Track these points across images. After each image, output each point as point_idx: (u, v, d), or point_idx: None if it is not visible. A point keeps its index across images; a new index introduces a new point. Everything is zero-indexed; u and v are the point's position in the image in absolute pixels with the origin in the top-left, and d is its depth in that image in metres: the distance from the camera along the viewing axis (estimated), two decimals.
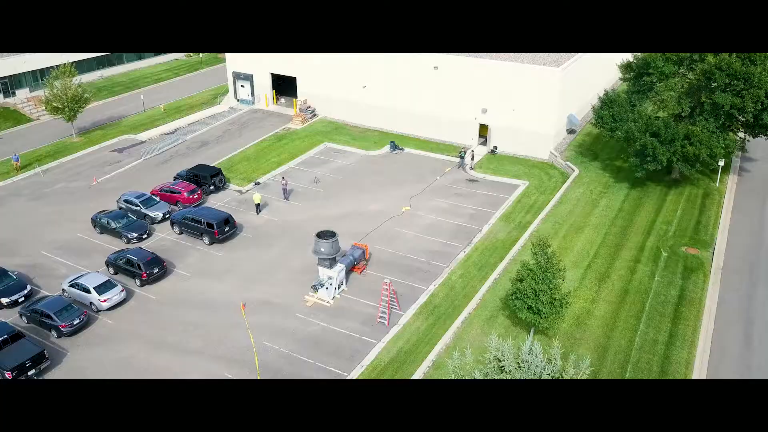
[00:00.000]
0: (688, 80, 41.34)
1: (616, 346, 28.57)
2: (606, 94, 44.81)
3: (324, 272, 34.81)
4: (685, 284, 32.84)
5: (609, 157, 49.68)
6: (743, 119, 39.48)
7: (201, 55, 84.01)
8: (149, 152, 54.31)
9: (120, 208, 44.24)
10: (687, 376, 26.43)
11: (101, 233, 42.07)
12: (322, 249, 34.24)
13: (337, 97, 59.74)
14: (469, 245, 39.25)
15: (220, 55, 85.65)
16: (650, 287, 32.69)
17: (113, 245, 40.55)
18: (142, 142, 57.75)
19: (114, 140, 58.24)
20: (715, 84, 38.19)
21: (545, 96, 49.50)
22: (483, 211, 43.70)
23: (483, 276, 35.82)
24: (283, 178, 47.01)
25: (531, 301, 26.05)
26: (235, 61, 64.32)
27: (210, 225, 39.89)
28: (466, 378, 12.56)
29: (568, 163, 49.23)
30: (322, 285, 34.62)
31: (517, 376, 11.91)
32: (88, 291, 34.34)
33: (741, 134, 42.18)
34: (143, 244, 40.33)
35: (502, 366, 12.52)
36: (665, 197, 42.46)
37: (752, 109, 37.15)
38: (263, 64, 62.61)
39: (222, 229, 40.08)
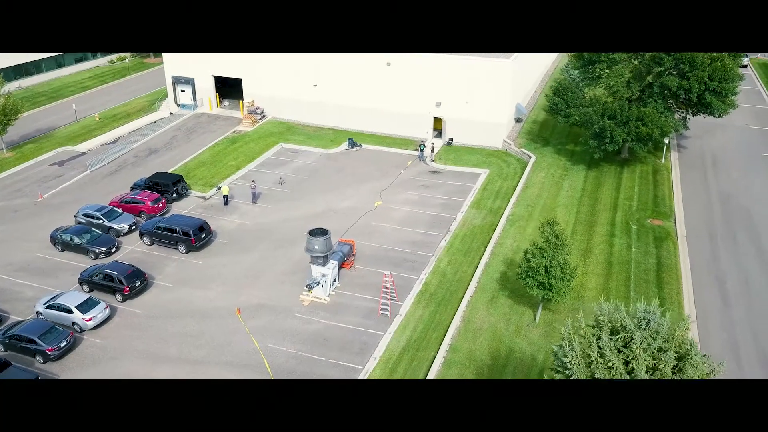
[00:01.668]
0: (632, 65, 44.47)
1: None
2: (558, 82, 47.30)
3: (317, 270, 34.66)
4: (659, 252, 35.56)
5: (560, 142, 52.44)
6: (686, 99, 42.98)
7: (127, 60, 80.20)
8: (95, 164, 51.43)
9: (79, 223, 41.78)
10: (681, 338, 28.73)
11: (63, 251, 39.57)
12: (316, 246, 34.09)
13: (286, 97, 59.12)
14: (448, 233, 40.31)
15: (146, 60, 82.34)
16: (630, 258, 35.13)
17: (79, 262, 38.30)
18: (83, 153, 54.58)
19: (51, 153, 54.65)
20: (662, 68, 41.42)
21: (498, 87, 51.50)
22: (453, 200, 44.96)
23: (470, 261, 36.99)
24: (252, 181, 46.11)
25: (541, 278, 27.38)
26: (174, 65, 62.03)
27: (186, 233, 38.57)
28: (583, 343, 13.29)
29: (523, 150, 51.51)
30: (317, 283, 34.45)
31: (637, 335, 12.80)
32: (69, 311, 32.34)
33: (683, 113, 45.85)
34: (113, 258, 38.39)
35: (617, 326, 13.40)
36: (620, 176, 45.54)
37: (697, 90, 40.71)
38: (205, 67, 60.84)
39: (198, 236, 38.88)
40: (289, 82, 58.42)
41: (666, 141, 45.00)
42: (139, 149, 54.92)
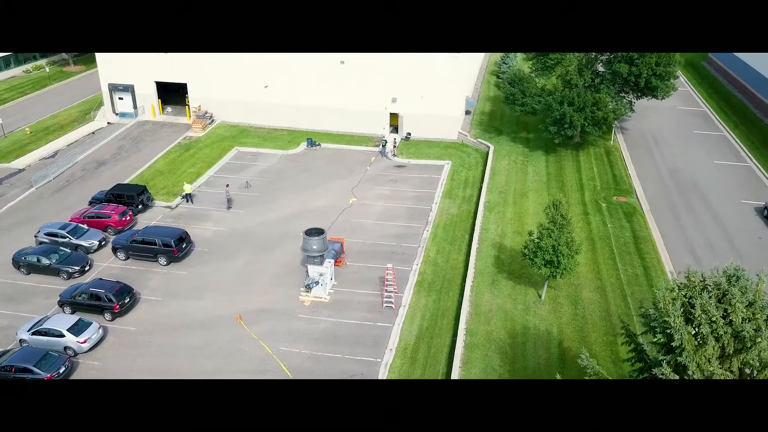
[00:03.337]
0: (582, 53, 47.29)
1: (609, 284, 32.78)
2: (514, 74, 49.47)
3: (314, 270, 34.56)
4: (632, 226, 38.31)
5: (512, 130, 54.80)
6: (635, 83, 46.29)
7: (46, 69, 75.10)
8: (39, 180, 48.09)
9: (41, 243, 39.11)
10: None
11: (28, 273, 37.00)
12: (314, 246, 34.02)
13: (235, 99, 57.82)
14: (428, 224, 41.29)
15: (66, 68, 77.57)
16: (608, 233, 37.62)
17: (51, 284, 36.01)
18: (21, 170, 50.87)
19: None
20: (612, 55, 44.45)
21: (452, 80, 53.03)
22: (424, 192, 46.01)
23: (458, 249, 38.18)
24: (227, 185, 45.01)
25: (549, 256, 28.92)
26: (111, 72, 58.84)
27: (167, 244, 37.15)
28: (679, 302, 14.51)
29: (479, 140, 53.43)
30: (316, 283, 34.37)
31: (734, 290, 14.14)
32: (60, 335, 30.46)
33: (629, 97, 49.33)
34: (86, 278, 36.38)
35: (708, 284, 14.85)
36: (578, 158, 48.40)
37: (646, 75, 44.09)
38: (145, 73, 58.25)
39: (180, 246, 37.58)
40: (238, 85, 57.18)
41: (615, 124, 48.29)
42: (85, 162, 51.89)
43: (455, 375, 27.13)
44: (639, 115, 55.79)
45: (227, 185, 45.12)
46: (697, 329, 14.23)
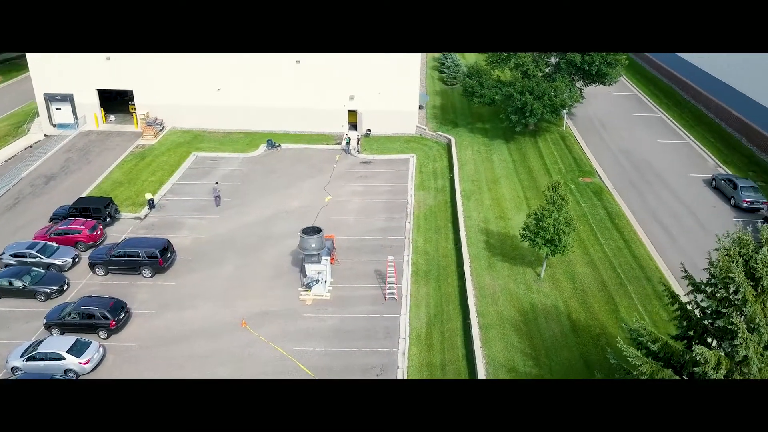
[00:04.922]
0: None
1: (598, 258, 34.94)
2: (471, 66, 51.16)
3: (313, 268, 34.55)
4: (604, 204, 40.89)
5: (467, 122, 56.60)
6: (587, 71, 49.14)
7: None
8: None
9: (7, 265, 36.55)
10: (656, 267, 33.88)
11: (0, 298, 34.55)
12: (313, 245, 33.96)
13: (186, 104, 56.01)
14: (409, 216, 42.12)
15: None
16: (584, 212, 39.94)
17: (27, 307, 33.85)
18: None
19: None
20: None
21: (408, 76, 54.04)
22: (397, 186, 46.77)
23: (444, 237, 39.26)
24: (216, 183, 44.31)
25: (550, 235, 30.52)
26: (46, 80, 55.25)
27: (152, 256, 35.80)
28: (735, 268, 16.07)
29: (438, 133, 54.84)
30: (316, 281, 34.37)
31: None
32: (59, 358, 28.80)
33: (580, 84, 52.30)
34: (65, 297, 34.49)
35: (758, 244, 16.59)
36: (537, 144, 50.80)
37: (598, 63, 47.01)
38: (86, 81, 55.24)
39: (165, 257, 36.33)
40: (189, 88, 55.42)
41: (565, 112, 51.17)
42: (31, 177, 48.65)
43: (478, 355, 28.10)
44: (582, 101, 59.25)
45: (216, 182, 44.44)
46: (757, 282, 15.96)
